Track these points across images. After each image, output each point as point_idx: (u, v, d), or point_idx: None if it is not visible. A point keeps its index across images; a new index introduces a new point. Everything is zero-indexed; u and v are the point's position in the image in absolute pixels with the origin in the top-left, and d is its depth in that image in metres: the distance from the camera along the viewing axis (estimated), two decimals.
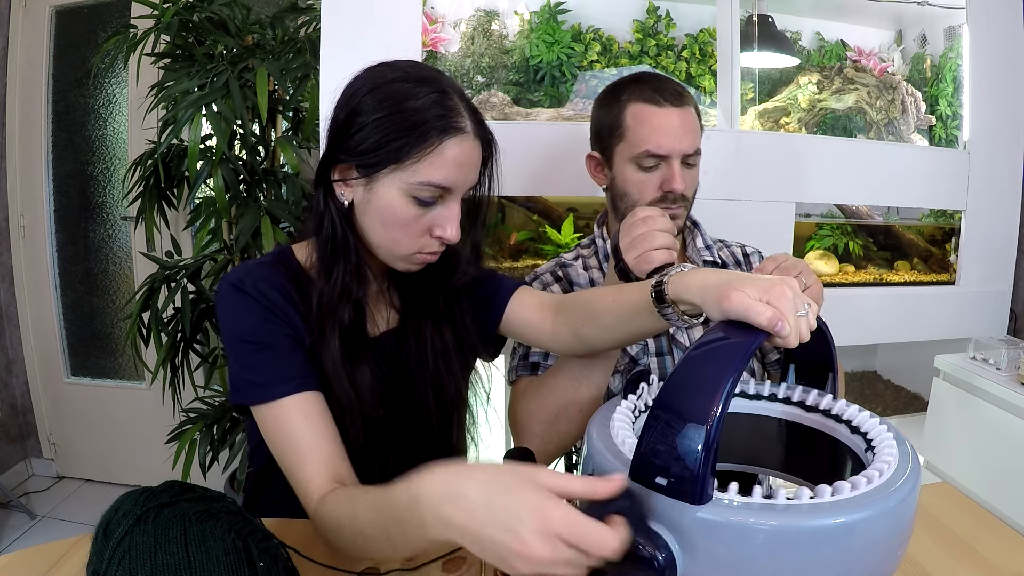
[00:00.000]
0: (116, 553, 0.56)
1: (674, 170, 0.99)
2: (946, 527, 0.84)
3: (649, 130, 0.99)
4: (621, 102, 1.02)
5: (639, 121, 1.00)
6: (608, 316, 0.76)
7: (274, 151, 1.77)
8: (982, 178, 1.76)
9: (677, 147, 0.99)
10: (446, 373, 0.88)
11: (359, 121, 0.74)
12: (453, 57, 1.65)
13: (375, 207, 0.76)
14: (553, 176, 1.53)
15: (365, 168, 0.75)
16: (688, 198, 1.04)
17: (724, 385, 0.47)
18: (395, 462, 0.85)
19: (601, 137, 1.06)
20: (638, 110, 1.00)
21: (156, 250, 2.18)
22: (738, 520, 0.46)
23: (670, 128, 0.99)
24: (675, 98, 1.00)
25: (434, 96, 0.73)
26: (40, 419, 2.51)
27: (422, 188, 0.74)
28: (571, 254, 1.17)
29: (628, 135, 1.01)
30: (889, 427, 0.60)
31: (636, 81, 1.03)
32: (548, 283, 1.12)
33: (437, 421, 0.88)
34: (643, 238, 0.79)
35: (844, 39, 1.93)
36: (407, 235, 0.76)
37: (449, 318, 0.89)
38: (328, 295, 0.78)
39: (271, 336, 0.76)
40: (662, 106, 0.99)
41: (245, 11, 1.75)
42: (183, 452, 1.72)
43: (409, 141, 0.72)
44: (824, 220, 1.94)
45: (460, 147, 0.74)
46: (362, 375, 0.80)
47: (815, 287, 0.77)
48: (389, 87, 0.74)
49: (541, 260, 1.68)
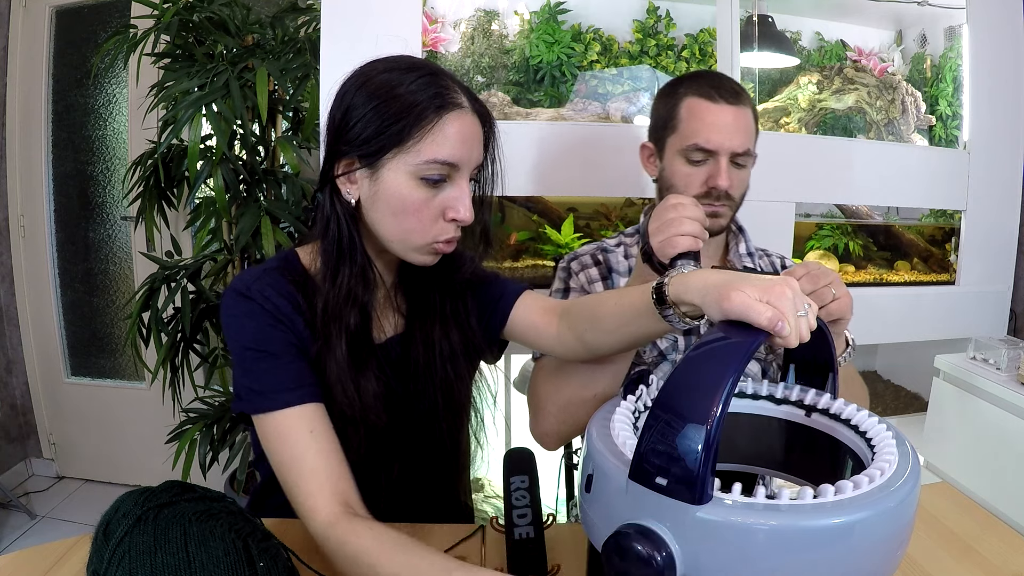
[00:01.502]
0: (116, 553, 0.56)
1: (721, 167, 0.99)
2: (946, 527, 0.84)
3: (700, 124, 0.99)
4: (678, 95, 1.03)
5: (692, 114, 1.00)
6: (610, 320, 0.76)
7: (274, 151, 1.77)
8: (982, 178, 1.76)
9: (726, 144, 0.99)
10: (455, 378, 0.87)
11: (355, 115, 0.73)
12: (453, 57, 1.65)
13: (383, 197, 0.74)
14: (553, 176, 1.52)
15: (368, 158, 0.73)
16: (734, 198, 1.03)
17: (724, 385, 0.47)
18: (400, 470, 0.84)
19: (656, 128, 1.07)
20: (693, 104, 1.01)
21: (156, 250, 2.18)
22: (738, 520, 0.46)
23: (721, 124, 0.99)
24: (731, 96, 1.00)
25: (425, 78, 0.73)
26: (40, 419, 2.52)
27: (428, 167, 0.72)
28: (613, 240, 1.16)
29: (680, 127, 1.01)
30: (889, 427, 0.60)
31: (696, 76, 1.04)
32: (586, 265, 1.12)
33: (447, 426, 0.88)
34: (670, 223, 0.80)
35: (844, 39, 1.93)
36: (419, 222, 0.75)
37: (456, 320, 0.88)
38: (334, 299, 0.77)
39: (276, 344, 0.75)
40: (716, 102, 0.99)
41: (245, 11, 1.75)
42: (183, 452, 1.72)
43: (408, 122, 0.71)
44: (824, 220, 1.95)
45: (460, 121, 0.73)
46: (367, 382, 0.78)
47: (844, 299, 0.77)
48: (379, 78, 0.74)
49: (541, 260, 1.68)
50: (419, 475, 0.87)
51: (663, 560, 0.46)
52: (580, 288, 1.11)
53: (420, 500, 0.87)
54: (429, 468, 0.89)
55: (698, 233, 0.80)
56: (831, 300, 0.77)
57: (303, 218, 1.68)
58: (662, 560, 0.46)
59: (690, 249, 0.79)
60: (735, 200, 1.04)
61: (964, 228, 1.78)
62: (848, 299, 0.78)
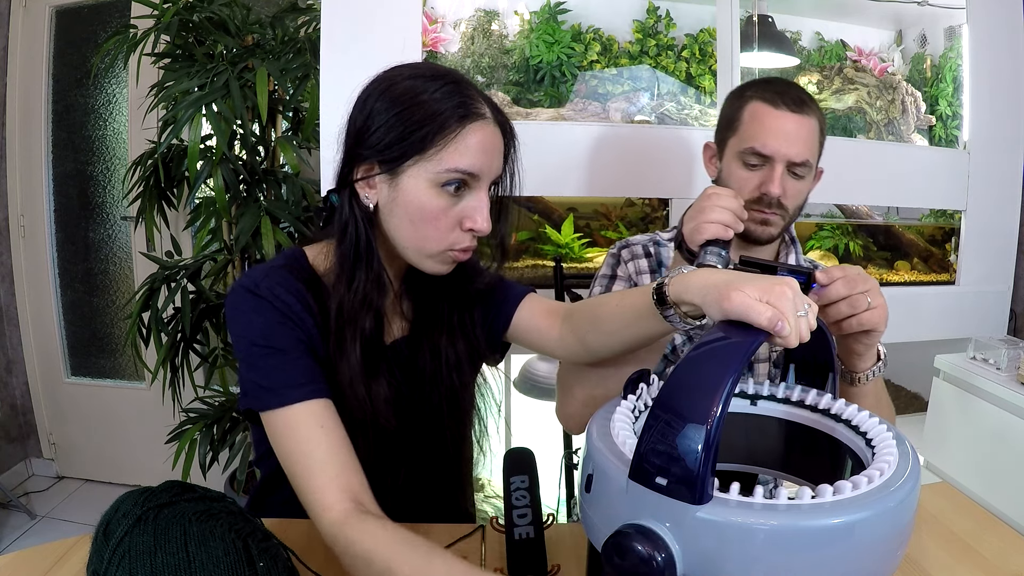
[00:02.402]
0: (116, 553, 0.56)
1: (775, 173, 0.98)
2: (946, 527, 0.84)
3: (759, 128, 0.99)
4: (745, 98, 1.02)
5: (753, 118, 1.00)
6: (611, 321, 0.76)
7: (274, 151, 1.77)
8: (982, 178, 1.76)
9: (783, 151, 0.97)
10: (460, 386, 0.87)
11: (377, 120, 0.73)
12: (453, 57, 1.65)
13: (402, 204, 0.74)
14: (553, 176, 1.52)
15: (388, 164, 0.73)
16: (787, 208, 1.01)
17: (724, 385, 0.47)
18: (406, 475, 0.84)
19: (720, 128, 1.07)
20: (756, 108, 1.00)
21: (156, 250, 2.18)
22: (738, 520, 0.46)
23: (781, 131, 0.98)
24: (795, 104, 0.99)
25: (449, 87, 0.73)
26: (40, 419, 2.52)
27: (449, 175, 0.72)
28: (668, 233, 1.16)
29: (741, 130, 1.01)
30: (889, 427, 0.60)
31: (766, 82, 1.03)
32: (637, 255, 1.12)
33: (451, 433, 0.88)
34: (702, 210, 0.81)
35: (844, 39, 1.93)
36: (437, 230, 0.74)
37: (463, 331, 0.87)
38: (350, 303, 0.76)
39: (284, 340, 0.74)
40: (779, 108, 0.98)
41: (245, 11, 1.75)
42: (183, 452, 1.72)
43: (431, 130, 0.71)
44: (824, 220, 1.95)
45: (482, 132, 0.73)
46: (379, 386, 0.78)
47: (880, 310, 0.74)
48: (402, 84, 0.74)
49: (541, 260, 1.68)
50: (424, 481, 0.87)
51: (663, 560, 0.46)
52: (627, 277, 1.11)
53: (424, 507, 0.87)
54: (434, 474, 0.89)
55: (729, 222, 0.80)
56: (865, 309, 0.73)
57: (303, 218, 1.68)
58: (662, 560, 0.46)
59: (718, 236, 0.79)
60: (788, 210, 1.01)
61: (964, 228, 1.78)
62: (884, 310, 0.74)
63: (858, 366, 0.82)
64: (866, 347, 0.79)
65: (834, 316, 0.74)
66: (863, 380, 0.83)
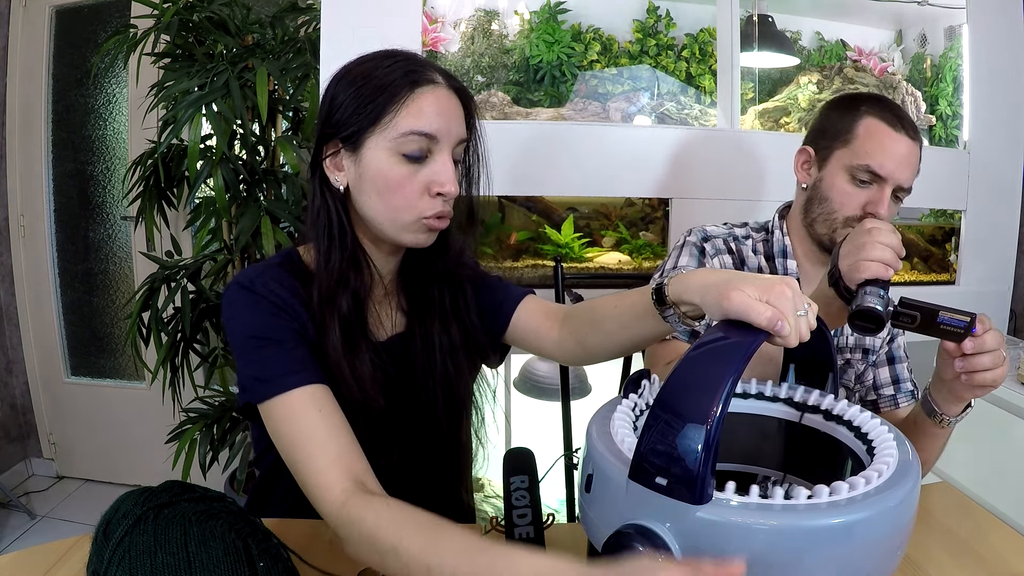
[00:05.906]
0: (116, 553, 0.56)
1: (885, 195, 0.98)
2: (946, 527, 0.84)
3: (877, 147, 0.98)
4: (860, 111, 1.01)
5: (871, 135, 0.99)
6: (610, 322, 0.76)
7: (274, 151, 1.77)
8: (982, 178, 1.75)
9: (896, 174, 0.98)
10: (455, 373, 0.88)
11: (336, 102, 0.77)
12: (453, 57, 1.65)
13: (368, 179, 0.76)
14: (553, 176, 1.52)
15: (349, 140, 0.76)
16: None
17: (724, 385, 0.47)
18: (400, 456, 0.84)
19: (823, 136, 1.05)
20: (874, 125, 0.99)
21: (156, 250, 2.18)
22: (738, 520, 0.46)
23: (898, 154, 0.98)
24: (911, 129, 0.99)
25: (400, 62, 0.76)
26: (40, 419, 2.52)
27: (406, 140, 0.74)
28: (742, 230, 1.14)
29: (854, 144, 1.00)
30: (889, 427, 0.60)
31: (879, 99, 1.02)
32: (720, 250, 1.09)
33: (447, 421, 0.88)
34: (862, 246, 0.78)
35: (844, 39, 1.93)
36: (405, 198, 0.76)
37: (456, 315, 0.88)
38: (326, 283, 0.78)
39: (279, 332, 0.75)
40: (898, 130, 0.98)
41: (245, 11, 1.75)
42: (183, 452, 1.72)
43: (383, 99, 0.74)
44: None
45: (434, 94, 0.75)
46: (363, 364, 0.79)
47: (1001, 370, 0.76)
48: (359, 67, 0.77)
49: (541, 260, 1.68)
50: (419, 466, 0.87)
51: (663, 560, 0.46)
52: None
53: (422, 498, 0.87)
54: (429, 461, 0.89)
55: (890, 261, 0.78)
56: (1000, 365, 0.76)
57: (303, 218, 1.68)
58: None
59: (879, 276, 0.76)
60: None
61: (964, 228, 1.77)
62: (1004, 371, 0.76)
63: (954, 410, 0.86)
64: (973, 397, 0.82)
65: (976, 366, 0.76)
66: (950, 423, 0.87)
